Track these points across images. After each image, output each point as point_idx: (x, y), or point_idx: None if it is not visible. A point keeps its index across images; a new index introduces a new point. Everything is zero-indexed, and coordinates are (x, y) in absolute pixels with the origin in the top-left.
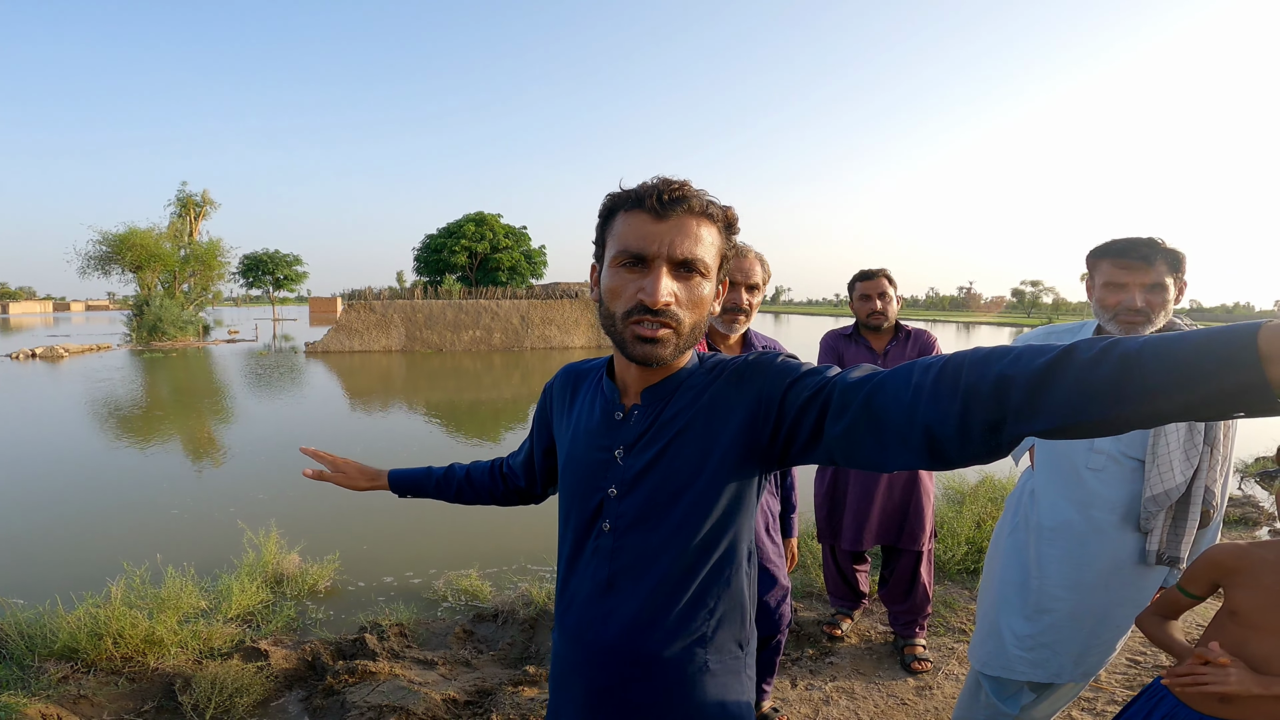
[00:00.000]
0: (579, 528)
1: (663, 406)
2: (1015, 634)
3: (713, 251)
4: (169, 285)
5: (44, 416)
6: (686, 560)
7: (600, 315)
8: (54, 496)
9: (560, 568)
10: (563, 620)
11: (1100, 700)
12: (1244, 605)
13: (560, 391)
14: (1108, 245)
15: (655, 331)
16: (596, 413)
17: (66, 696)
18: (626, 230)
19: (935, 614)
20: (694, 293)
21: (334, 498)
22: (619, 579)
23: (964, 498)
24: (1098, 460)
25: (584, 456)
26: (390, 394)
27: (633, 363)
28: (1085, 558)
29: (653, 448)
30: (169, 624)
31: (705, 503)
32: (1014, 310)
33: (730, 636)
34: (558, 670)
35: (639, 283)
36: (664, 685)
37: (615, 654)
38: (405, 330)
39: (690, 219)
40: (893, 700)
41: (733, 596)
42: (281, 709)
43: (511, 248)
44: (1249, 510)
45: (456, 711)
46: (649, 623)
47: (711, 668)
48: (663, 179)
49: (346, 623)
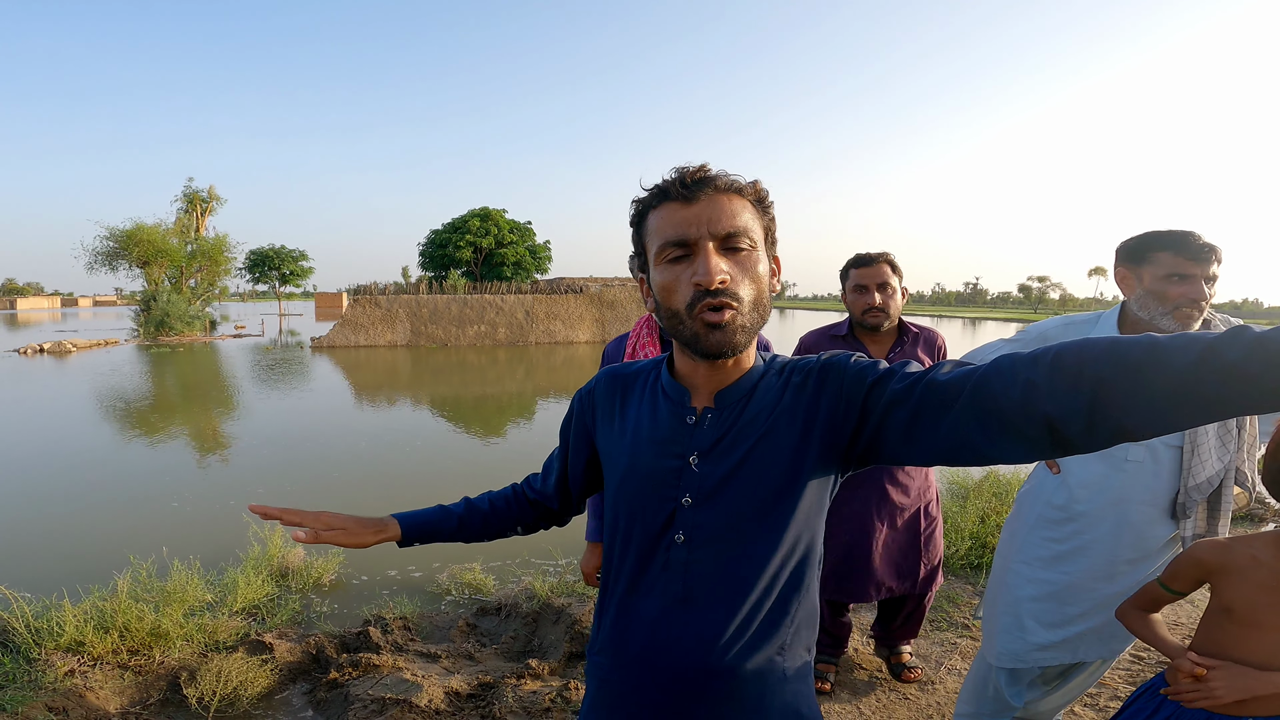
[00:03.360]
0: (645, 541)
1: (741, 409)
2: (1044, 627)
3: (754, 223)
4: (176, 281)
5: (52, 411)
6: (770, 569)
7: (662, 320)
8: (61, 490)
9: (617, 586)
10: (620, 642)
11: (1103, 696)
12: (1237, 602)
13: (606, 398)
14: (1166, 236)
15: (720, 315)
16: (663, 416)
17: (73, 690)
18: (662, 224)
19: (938, 609)
20: (748, 266)
21: (339, 493)
22: (696, 592)
23: (968, 493)
24: (1138, 452)
25: (650, 465)
26: (395, 389)
27: (706, 358)
28: (1118, 548)
29: (734, 453)
30: (175, 617)
31: (788, 508)
32: (1021, 305)
33: (804, 642)
34: (606, 697)
35: (690, 269)
36: (743, 697)
37: (693, 671)
38: (410, 325)
39: (720, 196)
40: (894, 695)
41: (810, 601)
42: (286, 702)
43: (516, 243)
44: (1255, 507)
45: (459, 704)
46: (733, 636)
47: (788, 675)
48: (681, 167)
49: (350, 616)
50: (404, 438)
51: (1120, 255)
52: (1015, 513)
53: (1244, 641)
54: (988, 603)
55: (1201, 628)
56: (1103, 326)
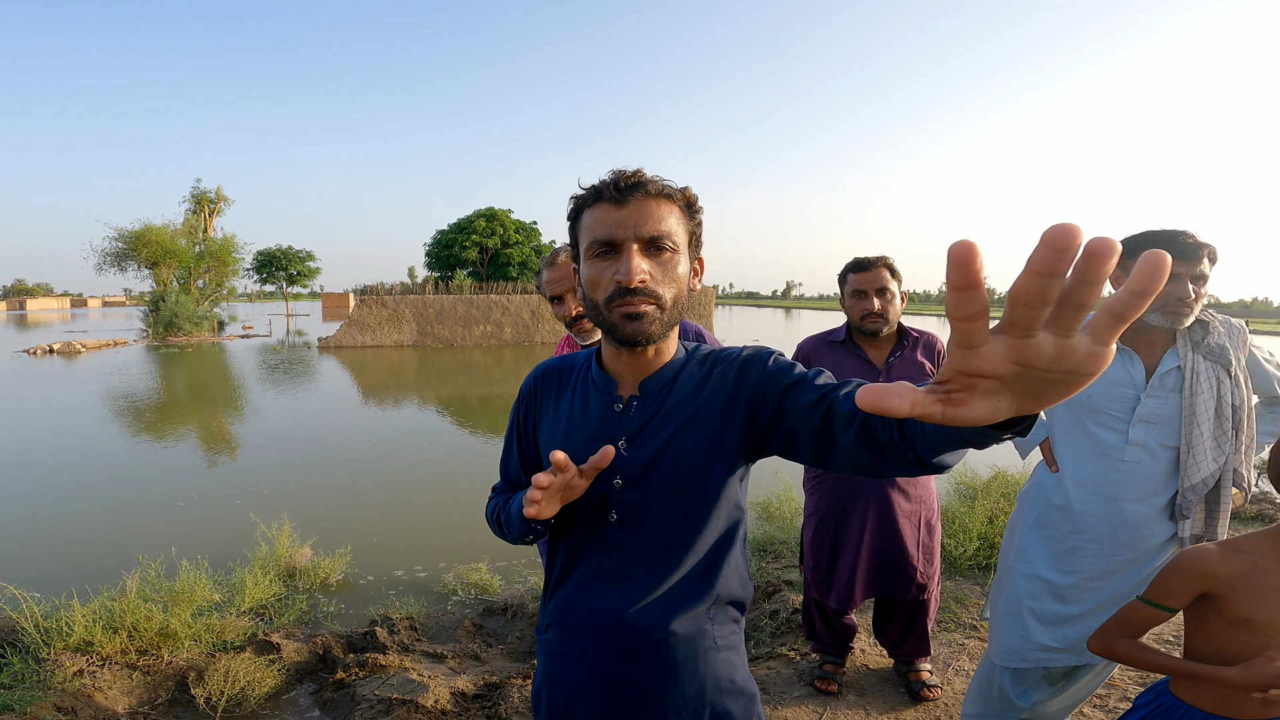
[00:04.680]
0: (582, 521)
1: (664, 396)
2: (1044, 625)
3: (678, 228)
4: (184, 281)
5: (61, 411)
6: (696, 542)
7: (587, 309)
8: (71, 490)
9: (556, 564)
10: (564, 618)
11: (1113, 697)
12: (1259, 613)
13: (543, 389)
14: (1153, 236)
15: (638, 307)
16: (593, 405)
17: (82, 690)
18: (593, 223)
19: (946, 609)
20: (668, 268)
21: (345, 491)
22: (629, 567)
23: (975, 493)
24: (1133, 453)
25: (583, 450)
26: (402, 389)
27: (623, 346)
28: (1116, 548)
29: (658, 437)
30: (183, 617)
31: (711, 486)
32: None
33: (731, 614)
34: (554, 670)
35: (613, 267)
36: (677, 663)
37: (630, 640)
38: (417, 325)
39: (649, 201)
40: (901, 696)
41: (735, 573)
42: (293, 702)
43: (522, 243)
44: (1265, 507)
45: (465, 704)
46: (665, 606)
47: (719, 643)
48: (617, 170)
49: (357, 616)
50: (410, 437)
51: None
52: (1017, 511)
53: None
54: (992, 602)
55: (1206, 643)
56: None
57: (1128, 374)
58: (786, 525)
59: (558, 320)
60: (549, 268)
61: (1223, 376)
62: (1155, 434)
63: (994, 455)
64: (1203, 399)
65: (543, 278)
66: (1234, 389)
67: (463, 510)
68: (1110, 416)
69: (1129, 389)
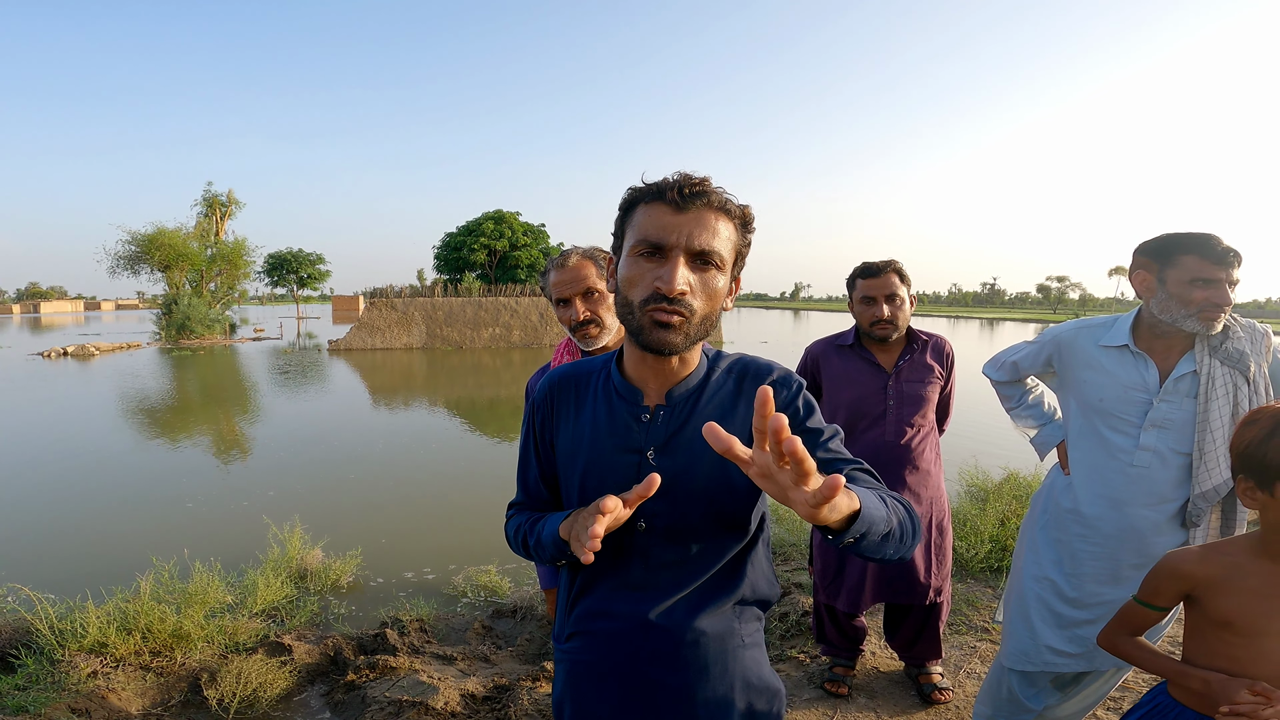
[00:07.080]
0: (611, 531)
1: (691, 406)
2: (1051, 628)
3: (729, 246)
4: (196, 284)
5: (76, 414)
6: (722, 548)
7: (616, 304)
8: (85, 492)
9: (578, 575)
10: (590, 626)
11: (1126, 701)
12: (1236, 614)
13: (560, 398)
14: (1189, 239)
15: (670, 318)
16: (619, 414)
17: (95, 691)
18: (646, 221)
19: (957, 612)
20: (709, 284)
21: (356, 494)
22: (654, 574)
23: (987, 495)
24: (1144, 458)
25: (610, 460)
26: (411, 391)
27: (647, 352)
28: (1122, 552)
29: (688, 448)
30: (196, 619)
31: (737, 497)
32: (1040, 306)
33: (755, 613)
34: (577, 678)
35: (656, 271)
36: (707, 664)
37: (656, 640)
38: (426, 327)
39: (709, 213)
40: (913, 699)
41: (761, 574)
42: (304, 703)
43: (530, 245)
44: None
45: (475, 707)
46: (694, 609)
47: (745, 642)
48: (684, 174)
49: (368, 618)
50: (420, 439)
51: (1140, 257)
52: (1029, 513)
53: (1262, 654)
54: (1004, 603)
55: (1198, 645)
56: (1117, 331)
57: (1141, 378)
58: (796, 528)
59: (561, 324)
60: (557, 270)
61: (1240, 382)
62: (1167, 439)
63: (1006, 457)
64: (1217, 405)
65: (549, 279)
66: (1252, 395)
67: (472, 512)
68: (1122, 420)
69: (1142, 393)
